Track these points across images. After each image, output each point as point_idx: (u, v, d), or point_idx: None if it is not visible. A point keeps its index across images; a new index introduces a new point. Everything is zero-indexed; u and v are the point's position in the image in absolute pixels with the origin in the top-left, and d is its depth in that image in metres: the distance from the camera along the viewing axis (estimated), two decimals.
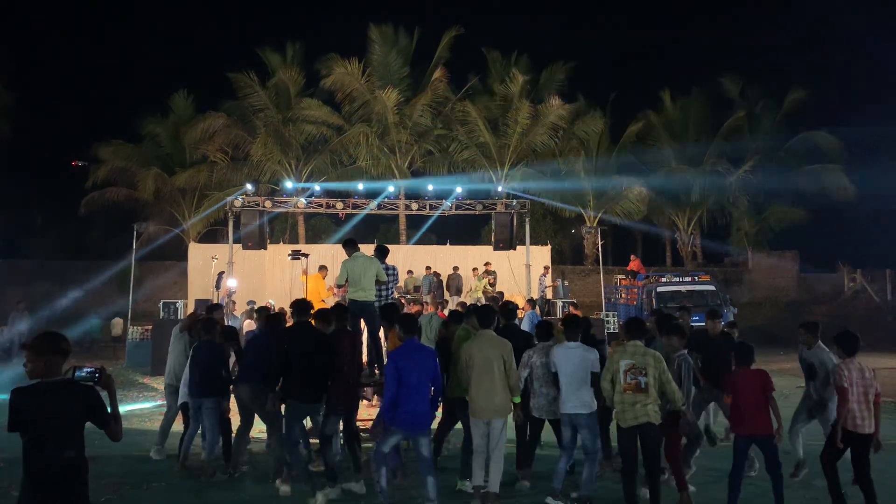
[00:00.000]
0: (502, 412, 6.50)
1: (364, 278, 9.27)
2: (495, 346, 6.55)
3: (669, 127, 31.69)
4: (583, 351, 6.71)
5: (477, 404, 6.52)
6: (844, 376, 6.15)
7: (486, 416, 6.47)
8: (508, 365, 6.48)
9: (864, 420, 6.14)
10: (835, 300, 29.45)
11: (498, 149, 28.17)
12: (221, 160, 28.06)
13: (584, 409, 6.57)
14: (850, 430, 6.14)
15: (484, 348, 6.55)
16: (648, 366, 6.21)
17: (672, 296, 19.23)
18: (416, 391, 6.13)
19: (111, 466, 7.68)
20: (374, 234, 26.86)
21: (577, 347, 6.73)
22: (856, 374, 6.19)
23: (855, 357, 6.29)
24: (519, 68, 28.69)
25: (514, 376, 6.52)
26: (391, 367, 6.18)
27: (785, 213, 30.96)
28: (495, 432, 6.45)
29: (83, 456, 3.97)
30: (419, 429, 6.23)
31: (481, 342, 6.63)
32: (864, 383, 6.20)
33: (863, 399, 6.16)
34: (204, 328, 7.83)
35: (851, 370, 6.18)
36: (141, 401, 12.62)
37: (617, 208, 29.51)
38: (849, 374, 6.16)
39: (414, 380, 6.13)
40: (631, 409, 6.17)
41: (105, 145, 27.86)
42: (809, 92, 31.05)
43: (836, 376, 6.26)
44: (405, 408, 6.11)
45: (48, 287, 24.90)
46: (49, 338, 4.01)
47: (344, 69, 26.50)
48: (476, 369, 6.49)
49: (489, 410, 6.45)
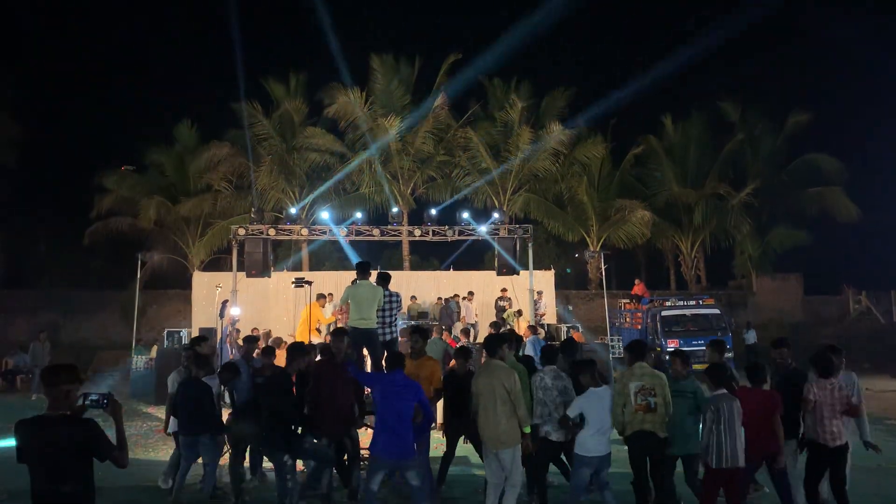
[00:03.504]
0: (508, 443, 6.40)
1: (366, 306, 9.31)
2: (499, 375, 6.47)
3: (670, 151, 31.82)
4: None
5: (483, 435, 6.50)
6: (812, 391, 6.55)
7: (492, 447, 6.44)
8: (514, 395, 6.37)
9: (835, 434, 6.45)
10: (840, 322, 29.33)
11: (500, 174, 28.32)
12: (225, 189, 28.23)
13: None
14: (822, 443, 6.46)
15: (488, 378, 6.52)
16: (656, 386, 6.36)
17: (676, 320, 19.19)
18: (397, 423, 6.17)
19: (117, 495, 7.66)
20: (378, 261, 26.91)
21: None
22: (827, 392, 6.51)
23: (830, 378, 6.58)
24: (519, 95, 28.91)
25: (521, 406, 6.42)
26: (371, 385, 6.32)
27: (788, 236, 30.94)
28: (506, 463, 6.40)
29: (86, 489, 3.96)
30: (401, 459, 6.22)
31: (487, 372, 6.61)
32: (832, 400, 6.49)
33: (835, 414, 6.47)
34: (196, 363, 7.79)
35: (821, 387, 6.54)
36: (145, 430, 12.59)
37: (620, 232, 29.56)
38: (818, 391, 6.52)
39: (394, 413, 6.17)
40: (640, 423, 6.42)
41: (110, 174, 28.07)
42: (810, 114, 31.21)
43: (806, 389, 6.63)
44: (385, 439, 6.16)
45: (53, 317, 24.95)
46: (58, 369, 4.06)
47: (346, 98, 26.77)
48: (482, 400, 6.47)
49: (494, 441, 6.41)
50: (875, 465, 8.70)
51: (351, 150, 27.94)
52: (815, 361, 6.69)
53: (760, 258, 31.57)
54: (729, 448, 6.03)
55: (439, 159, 28.44)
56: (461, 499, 7.71)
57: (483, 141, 28.00)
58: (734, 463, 6.04)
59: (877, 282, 29.65)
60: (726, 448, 6.03)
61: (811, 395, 6.55)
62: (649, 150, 31.67)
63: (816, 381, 6.59)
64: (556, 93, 30.23)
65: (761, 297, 30.57)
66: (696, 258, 31.95)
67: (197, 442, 7.43)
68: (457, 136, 28.18)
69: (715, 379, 6.35)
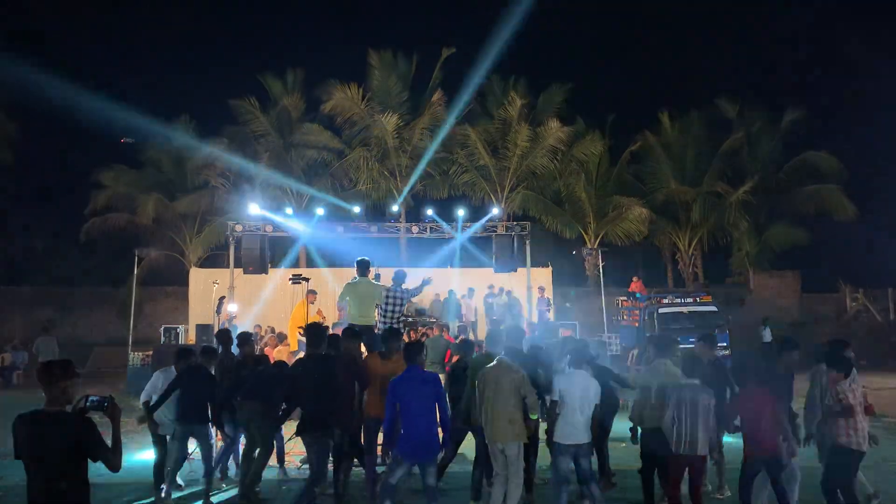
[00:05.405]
0: (515, 437, 6.42)
1: (365, 304, 9.32)
2: (506, 370, 6.50)
3: (668, 148, 31.79)
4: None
5: (489, 429, 6.49)
6: (847, 394, 6.33)
7: (498, 440, 6.43)
8: (524, 389, 6.41)
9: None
10: (837, 320, 29.35)
11: (498, 171, 28.29)
12: (223, 185, 28.17)
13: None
14: (860, 450, 6.31)
15: (496, 370, 6.53)
16: None
17: (674, 317, 19.19)
18: (419, 419, 6.10)
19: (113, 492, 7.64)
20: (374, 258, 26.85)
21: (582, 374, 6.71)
22: (853, 393, 6.35)
23: (850, 377, 6.43)
24: (517, 91, 28.89)
25: (531, 397, 6.45)
26: (390, 395, 6.17)
27: (786, 234, 30.93)
28: (512, 458, 6.40)
29: (80, 484, 3.94)
30: (425, 457, 6.17)
31: (493, 366, 6.62)
32: (860, 400, 6.40)
33: (863, 415, 6.38)
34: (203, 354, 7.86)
35: (850, 389, 6.37)
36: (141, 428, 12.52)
37: (617, 229, 29.57)
38: (850, 394, 6.35)
39: (415, 408, 6.09)
40: (658, 420, 6.47)
41: (106, 171, 27.99)
42: (808, 112, 31.22)
43: (840, 391, 6.40)
44: (409, 437, 6.08)
45: (49, 313, 24.88)
46: (52, 366, 4.04)
47: (344, 94, 26.75)
48: (488, 391, 6.47)
49: (501, 434, 6.40)
50: (873, 462, 8.70)
51: (348, 146, 27.91)
52: (837, 361, 6.41)
53: (758, 256, 31.58)
54: (688, 436, 6.15)
55: (437, 156, 28.40)
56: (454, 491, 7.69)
57: (481, 138, 27.97)
58: (692, 450, 6.16)
59: (874, 280, 29.66)
60: (685, 435, 6.15)
61: (850, 399, 6.20)
62: (647, 147, 31.65)
63: (842, 382, 6.28)
64: (554, 89, 30.23)
65: (759, 295, 30.56)
66: (694, 255, 31.94)
67: (191, 432, 7.40)
68: (455, 132, 28.15)
69: (689, 370, 6.56)
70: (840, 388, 6.31)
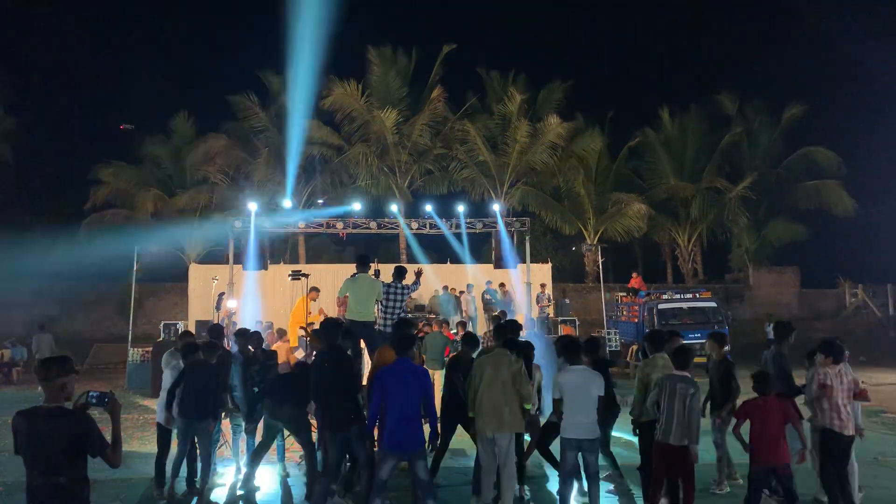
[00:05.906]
0: (508, 426, 6.39)
1: (364, 300, 9.32)
2: (503, 361, 6.52)
3: (668, 144, 31.79)
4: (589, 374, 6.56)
5: (481, 417, 6.46)
6: (829, 377, 6.50)
7: (492, 429, 6.38)
8: (519, 379, 6.41)
9: (849, 421, 6.47)
10: (836, 315, 29.39)
11: (497, 167, 28.27)
12: (222, 181, 28.14)
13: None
14: (839, 431, 6.42)
15: (492, 363, 6.54)
16: None
17: (673, 313, 19.16)
18: (405, 413, 6.00)
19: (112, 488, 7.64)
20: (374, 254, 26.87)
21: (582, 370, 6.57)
22: (839, 378, 6.51)
23: (840, 364, 6.56)
24: (517, 87, 28.84)
25: (525, 388, 6.45)
26: (377, 387, 6.12)
27: (785, 229, 30.98)
28: (502, 449, 6.37)
29: (79, 480, 3.94)
30: (411, 450, 6.06)
31: (490, 357, 6.65)
32: (847, 385, 6.54)
33: (849, 400, 6.51)
34: (205, 349, 7.81)
35: (835, 373, 6.53)
36: (141, 423, 12.55)
37: (617, 225, 29.58)
38: (833, 377, 6.50)
39: (400, 401, 5.99)
40: (656, 413, 6.45)
41: (106, 167, 27.95)
42: (807, 108, 31.20)
43: (821, 375, 6.60)
44: (394, 431, 6.01)
45: (48, 309, 24.84)
46: (50, 363, 4.04)
47: (343, 90, 26.69)
48: (486, 378, 6.46)
49: (495, 421, 6.36)
50: (872, 458, 8.73)
51: (348, 142, 27.88)
52: (828, 347, 6.57)
53: (757, 251, 31.63)
54: (665, 423, 6.18)
55: (436, 152, 28.39)
56: (448, 486, 7.69)
57: (480, 134, 27.94)
58: (666, 438, 6.16)
59: (873, 275, 29.69)
60: (663, 423, 6.19)
61: (829, 381, 6.39)
62: (646, 143, 31.65)
63: (829, 367, 6.47)
64: (553, 85, 30.20)
65: (758, 291, 30.61)
66: (693, 251, 31.96)
67: (193, 429, 7.37)
68: (454, 128, 28.12)
69: (679, 363, 6.47)
70: (823, 370, 6.50)
